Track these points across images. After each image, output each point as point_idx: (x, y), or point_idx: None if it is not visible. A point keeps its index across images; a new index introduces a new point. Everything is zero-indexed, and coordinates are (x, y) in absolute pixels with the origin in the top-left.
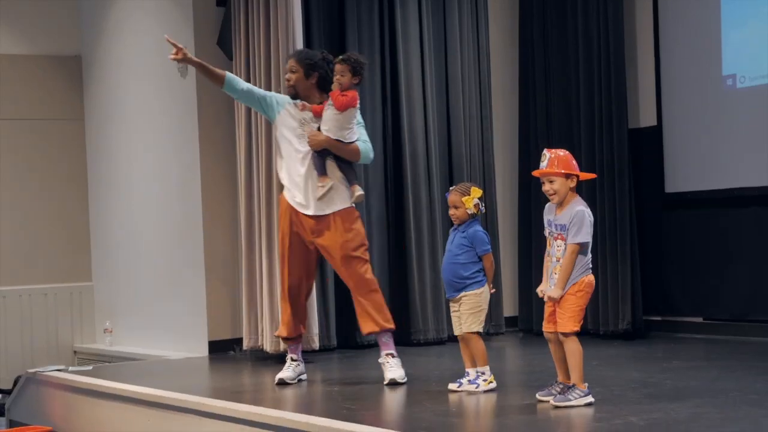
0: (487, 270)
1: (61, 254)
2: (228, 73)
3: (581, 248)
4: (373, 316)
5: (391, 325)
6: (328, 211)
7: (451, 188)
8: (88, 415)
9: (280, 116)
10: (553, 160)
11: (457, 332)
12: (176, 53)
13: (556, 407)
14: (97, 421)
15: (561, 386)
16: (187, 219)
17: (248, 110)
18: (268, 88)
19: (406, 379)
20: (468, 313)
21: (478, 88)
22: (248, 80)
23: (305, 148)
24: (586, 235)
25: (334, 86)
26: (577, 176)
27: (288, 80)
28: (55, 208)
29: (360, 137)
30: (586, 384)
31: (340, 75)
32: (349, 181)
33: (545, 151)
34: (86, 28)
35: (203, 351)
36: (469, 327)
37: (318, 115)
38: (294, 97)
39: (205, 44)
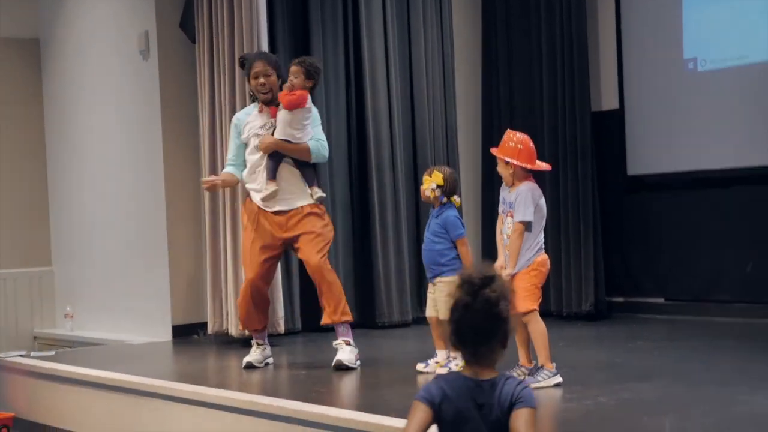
0: (463, 256)
1: (20, 239)
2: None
3: (525, 227)
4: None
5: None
6: (289, 208)
7: None
8: (52, 401)
9: (245, 130)
10: (502, 143)
11: (429, 314)
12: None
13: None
14: (61, 406)
15: (522, 369)
16: (149, 202)
17: (211, 93)
18: (232, 71)
19: (356, 366)
20: (443, 299)
21: (441, 70)
22: (211, 63)
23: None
24: (528, 215)
25: (286, 86)
26: (521, 166)
27: (264, 85)
28: (14, 193)
29: (314, 136)
30: (554, 364)
31: (294, 77)
32: (307, 182)
33: (507, 131)
34: (44, 11)
35: (167, 335)
36: (444, 314)
37: (274, 117)
38: (269, 102)
39: (168, 27)
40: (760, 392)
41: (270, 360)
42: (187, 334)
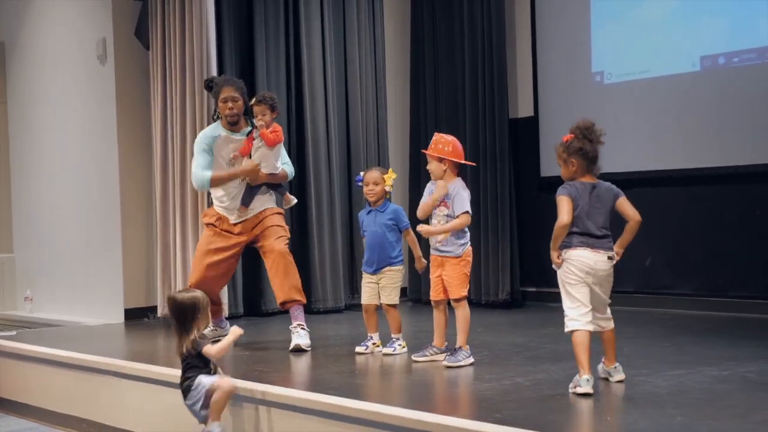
0: (412, 242)
1: None
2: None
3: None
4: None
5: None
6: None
7: (366, 170)
8: (13, 377)
9: (215, 149)
10: (433, 144)
11: (366, 301)
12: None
13: (449, 367)
14: (21, 382)
15: (435, 349)
16: (105, 195)
17: (163, 95)
18: (183, 76)
19: (309, 348)
20: (391, 287)
21: (373, 79)
22: (164, 69)
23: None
24: (468, 205)
25: (259, 125)
26: (454, 162)
27: (232, 109)
28: None
29: (282, 159)
30: (468, 346)
31: (262, 115)
32: (280, 193)
33: (435, 133)
34: (9, 17)
35: (120, 318)
36: (391, 300)
37: (245, 155)
38: (234, 124)
39: (124, 35)
40: (659, 373)
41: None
42: (138, 316)
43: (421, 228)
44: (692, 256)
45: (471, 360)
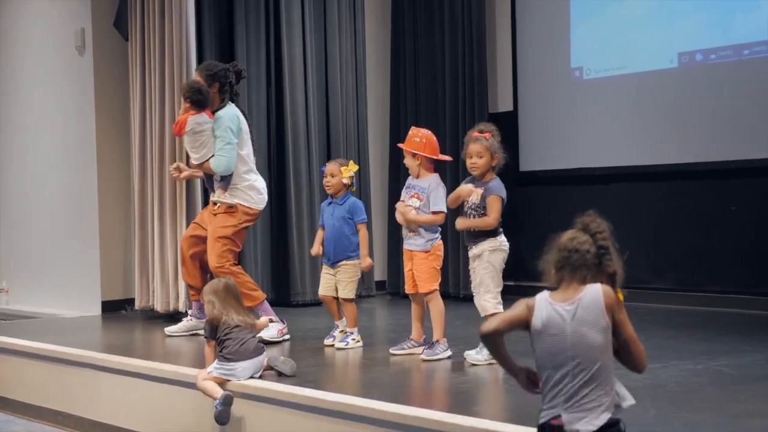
0: (363, 238)
1: None
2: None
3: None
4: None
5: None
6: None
7: (329, 162)
8: None
9: None
10: (408, 138)
11: (323, 292)
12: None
13: (426, 361)
14: None
15: (412, 342)
16: (82, 186)
17: (142, 87)
18: (162, 68)
19: (278, 339)
20: (346, 281)
21: (354, 70)
22: (143, 60)
23: None
24: (443, 205)
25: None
26: (427, 157)
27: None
28: None
29: (216, 152)
30: (445, 339)
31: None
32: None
33: (412, 127)
34: None
35: (96, 310)
36: (347, 294)
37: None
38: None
39: (102, 25)
40: None
41: (198, 331)
42: (115, 309)
43: (399, 207)
44: (669, 251)
45: (448, 353)
